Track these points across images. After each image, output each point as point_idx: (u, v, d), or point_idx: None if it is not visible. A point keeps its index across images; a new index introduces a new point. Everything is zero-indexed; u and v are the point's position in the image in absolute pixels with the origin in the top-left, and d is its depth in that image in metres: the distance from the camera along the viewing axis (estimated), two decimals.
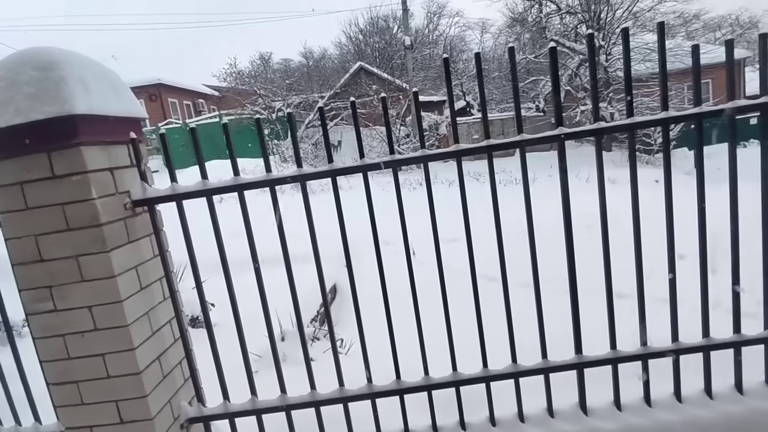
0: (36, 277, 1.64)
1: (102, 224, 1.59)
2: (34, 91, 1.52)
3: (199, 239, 1.88)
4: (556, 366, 1.81)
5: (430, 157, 1.64)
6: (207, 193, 1.74)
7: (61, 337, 1.67)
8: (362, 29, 27.28)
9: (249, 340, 2.07)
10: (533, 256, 1.76)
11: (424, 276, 2.04)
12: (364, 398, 1.89)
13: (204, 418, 1.94)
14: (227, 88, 21.05)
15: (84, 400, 1.72)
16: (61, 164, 1.56)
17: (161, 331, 1.86)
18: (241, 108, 17.20)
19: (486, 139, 1.63)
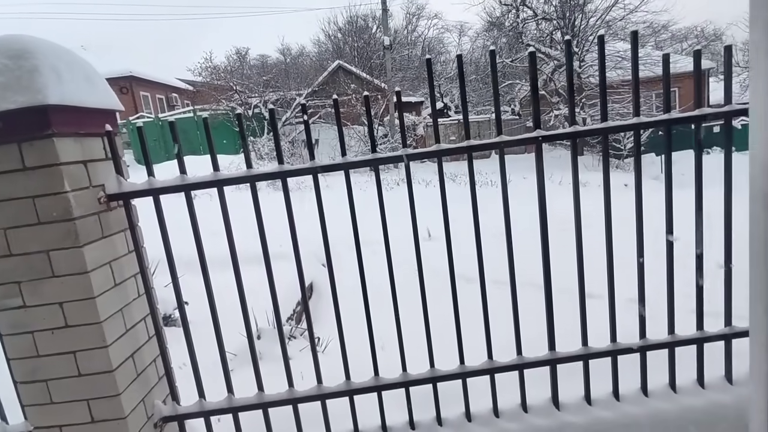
0: (4, 272, 1.58)
1: (75, 218, 1.55)
2: (4, 80, 1.47)
3: (172, 235, 1.85)
4: (529, 362, 1.86)
5: (412, 156, 1.66)
6: (186, 188, 1.72)
7: (30, 334, 1.62)
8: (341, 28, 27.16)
9: (224, 338, 2.04)
10: (510, 256, 1.80)
11: (401, 275, 2.05)
12: (342, 395, 1.90)
13: (178, 416, 1.91)
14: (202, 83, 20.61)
15: (53, 399, 1.67)
16: (33, 156, 1.51)
17: (135, 328, 1.82)
18: (217, 103, 16.89)
19: (466, 139, 1.66)
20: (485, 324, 1.86)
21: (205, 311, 1.87)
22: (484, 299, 1.85)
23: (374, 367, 1.91)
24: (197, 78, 21.46)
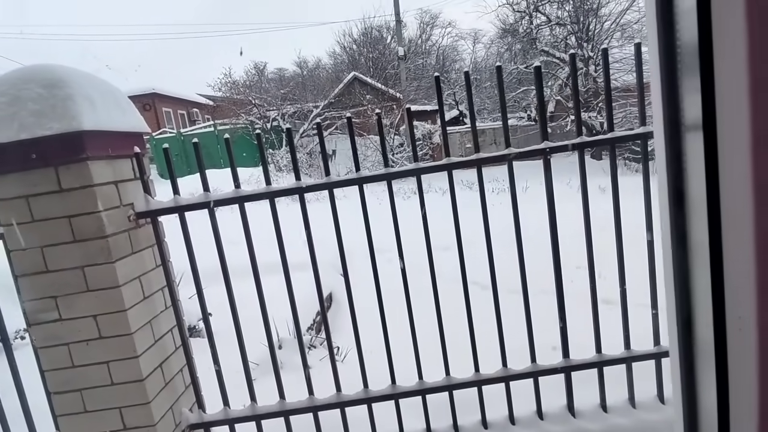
0: (42, 287, 1.69)
1: (107, 236, 1.65)
2: (39, 108, 1.58)
3: (196, 248, 1.93)
4: (544, 369, 1.88)
5: (423, 170, 1.72)
6: (209, 204, 1.81)
7: (65, 345, 1.72)
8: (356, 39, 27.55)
9: (246, 348, 2.12)
10: (521, 264, 1.84)
11: (418, 283, 2.10)
12: (360, 403, 1.95)
13: (205, 424, 1.98)
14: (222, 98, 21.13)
15: (87, 408, 1.77)
16: (69, 178, 1.62)
17: (163, 339, 1.91)
18: (236, 118, 17.27)
19: (476, 152, 1.71)
20: (499, 332, 1.89)
21: (228, 322, 1.94)
22: (497, 307, 1.88)
23: (391, 375, 1.96)
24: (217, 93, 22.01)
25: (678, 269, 0.55)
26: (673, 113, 0.52)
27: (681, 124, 0.51)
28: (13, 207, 1.64)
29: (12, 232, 1.66)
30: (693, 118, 0.49)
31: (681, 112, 0.51)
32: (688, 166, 0.51)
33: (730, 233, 0.47)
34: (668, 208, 0.55)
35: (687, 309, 0.55)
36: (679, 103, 0.51)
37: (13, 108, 1.58)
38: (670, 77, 0.52)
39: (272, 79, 27.40)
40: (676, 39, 0.50)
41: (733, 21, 0.42)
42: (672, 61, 0.52)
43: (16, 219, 1.65)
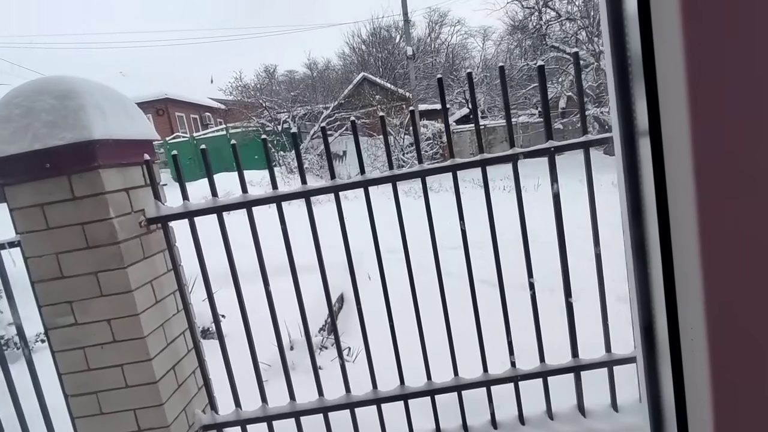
0: (57, 292, 1.73)
1: (119, 242, 1.69)
2: (52, 118, 1.62)
3: (207, 251, 1.97)
4: (553, 369, 1.87)
5: (428, 171, 1.73)
6: (217, 210, 1.84)
7: (81, 349, 1.76)
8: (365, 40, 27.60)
9: (258, 349, 2.14)
10: (528, 262, 1.83)
11: (429, 283, 2.09)
12: (369, 404, 1.96)
13: (217, 425, 2.01)
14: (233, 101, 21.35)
15: (103, 410, 1.81)
16: (81, 186, 1.66)
17: (175, 342, 1.95)
18: (247, 120, 17.44)
19: (480, 152, 1.72)
20: (507, 331, 1.89)
21: (241, 323, 1.97)
22: (504, 306, 1.88)
23: (400, 376, 1.97)
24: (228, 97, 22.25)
25: (638, 278, 0.55)
26: (628, 120, 0.53)
27: (635, 130, 0.52)
28: (28, 215, 1.69)
29: (28, 240, 1.71)
30: (643, 124, 0.49)
31: (635, 119, 0.52)
32: (643, 173, 0.52)
33: (679, 241, 0.47)
34: (627, 216, 0.55)
35: (648, 317, 0.55)
36: (633, 109, 0.52)
37: (27, 119, 1.63)
38: (622, 84, 0.52)
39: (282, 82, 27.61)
40: (626, 45, 0.50)
41: (670, 25, 0.42)
42: (624, 68, 0.52)
43: (32, 227, 1.70)
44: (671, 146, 0.46)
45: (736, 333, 0.44)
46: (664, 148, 0.47)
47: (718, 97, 0.41)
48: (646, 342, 0.55)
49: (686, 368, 0.48)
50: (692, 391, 0.48)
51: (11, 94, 1.68)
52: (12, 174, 1.67)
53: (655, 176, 0.48)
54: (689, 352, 0.47)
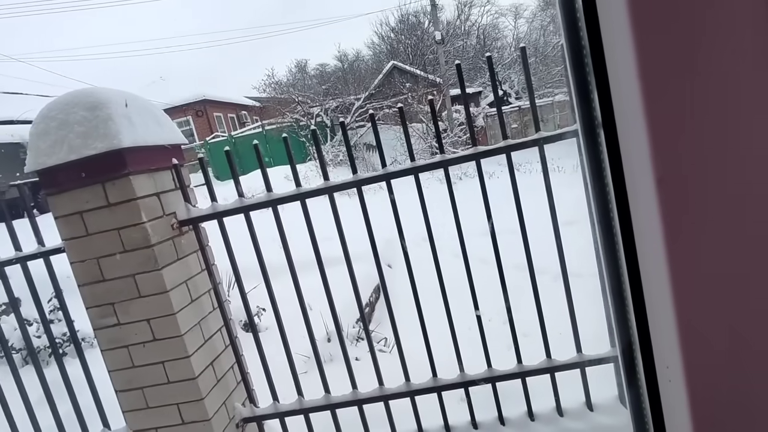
0: (100, 295, 1.83)
1: (153, 245, 1.75)
2: (84, 129, 1.69)
3: (246, 247, 2.00)
4: (591, 360, 1.80)
5: (449, 161, 1.69)
6: (244, 210, 1.87)
7: (125, 348, 1.85)
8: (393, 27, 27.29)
9: (299, 341, 2.18)
10: (560, 250, 1.76)
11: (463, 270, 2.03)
12: (402, 396, 1.96)
13: (257, 418, 2.08)
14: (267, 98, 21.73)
15: (149, 404, 1.90)
16: (114, 193, 1.73)
17: (213, 339, 2.01)
18: (281, 116, 17.72)
19: (503, 139, 1.66)
20: (540, 321, 1.83)
21: (282, 315, 2.00)
22: (536, 295, 1.82)
23: (432, 368, 1.95)
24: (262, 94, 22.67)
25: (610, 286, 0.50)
26: (586, 113, 0.48)
27: (594, 123, 0.47)
28: (70, 223, 1.79)
29: (71, 246, 1.81)
30: (598, 116, 0.45)
31: (594, 111, 0.47)
32: (605, 168, 0.47)
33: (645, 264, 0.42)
34: (593, 215, 0.51)
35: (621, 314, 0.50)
36: (591, 101, 0.47)
37: (62, 131, 1.71)
38: (579, 76, 0.47)
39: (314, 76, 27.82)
40: (581, 38, 0.45)
41: (616, 18, 0.38)
42: (580, 61, 0.47)
43: (73, 233, 1.79)
44: (626, 139, 0.42)
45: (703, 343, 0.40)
46: (619, 141, 0.43)
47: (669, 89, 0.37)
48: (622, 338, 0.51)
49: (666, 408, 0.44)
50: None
51: (47, 108, 1.76)
52: (53, 184, 1.77)
53: (612, 173, 0.44)
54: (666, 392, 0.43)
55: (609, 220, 0.49)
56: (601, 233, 0.50)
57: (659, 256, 0.41)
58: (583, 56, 0.47)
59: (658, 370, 0.44)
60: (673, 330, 0.41)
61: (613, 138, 0.43)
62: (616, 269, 0.50)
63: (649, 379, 0.45)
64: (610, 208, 0.48)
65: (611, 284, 0.51)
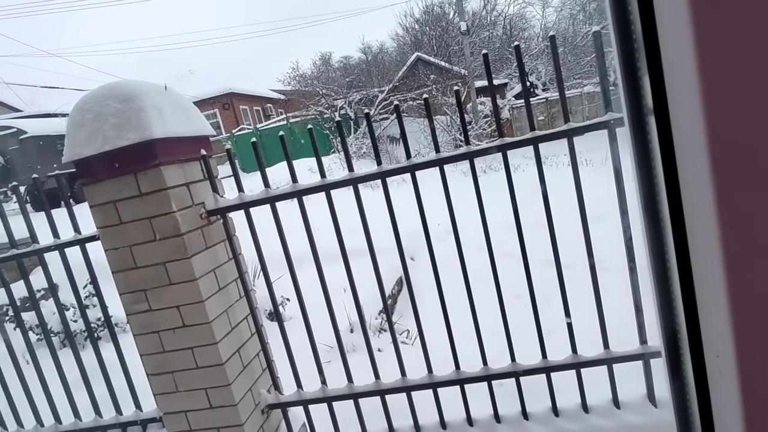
0: (133, 282, 1.89)
1: (182, 234, 1.80)
2: (118, 121, 1.74)
3: (271, 238, 2.03)
4: (619, 357, 1.77)
5: (475, 153, 1.67)
6: (270, 200, 1.90)
7: (156, 333, 1.91)
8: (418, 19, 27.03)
9: (323, 331, 2.21)
10: (587, 242, 1.72)
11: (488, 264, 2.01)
12: (425, 387, 1.97)
13: (281, 404, 2.12)
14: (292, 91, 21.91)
15: (178, 388, 1.96)
16: (146, 183, 1.78)
17: (239, 326, 2.06)
18: (306, 109, 17.84)
19: (531, 130, 1.63)
20: (566, 316, 1.80)
21: (307, 305, 2.03)
22: (563, 290, 1.79)
23: (455, 360, 1.95)
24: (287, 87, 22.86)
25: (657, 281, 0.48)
26: (634, 99, 0.46)
27: (642, 110, 0.45)
28: (105, 212, 1.85)
29: (105, 234, 1.87)
30: (649, 102, 0.43)
31: (642, 98, 0.45)
32: (654, 157, 0.45)
33: (695, 238, 0.40)
34: (641, 208, 0.48)
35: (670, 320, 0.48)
36: (639, 89, 0.45)
37: (97, 123, 1.77)
38: (627, 57, 0.45)
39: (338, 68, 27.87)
40: (630, 21, 0.43)
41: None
42: (628, 40, 0.45)
43: (107, 222, 1.85)
44: (680, 126, 0.40)
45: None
46: (672, 129, 0.40)
47: (728, 71, 0.35)
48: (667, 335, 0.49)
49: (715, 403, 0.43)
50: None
51: (83, 100, 1.82)
52: (88, 174, 1.83)
53: (663, 162, 0.42)
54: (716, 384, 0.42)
55: (655, 206, 0.47)
56: (647, 220, 0.48)
57: (713, 240, 0.39)
58: (632, 40, 0.45)
59: (707, 360, 0.43)
60: (725, 316, 0.40)
61: (666, 124, 0.41)
62: (662, 255, 0.48)
63: (697, 370, 0.44)
64: (657, 193, 0.46)
65: (656, 271, 0.49)
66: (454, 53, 21.23)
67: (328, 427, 2.09)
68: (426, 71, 17.72)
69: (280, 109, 28.05)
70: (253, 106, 27.67)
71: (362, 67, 25.74)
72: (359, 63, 28.62)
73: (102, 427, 2.30)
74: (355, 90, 18.70)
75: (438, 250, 1.89)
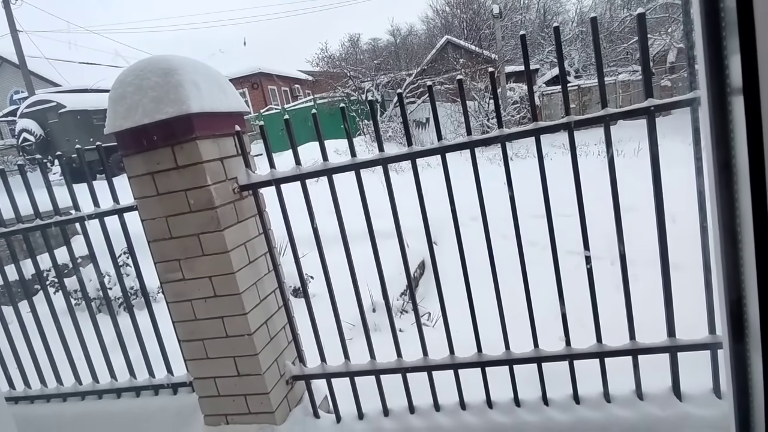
0: (168, 251, 1.96)
1: (216, 207, 1.85)
2: (157, 94, 1.79)
3: (300, 215, 2.07)
4: (644, 348, 1.75)
5: (507, 137, 1.65)
6: (300, 177, 1.93)
7: (189, 301, 1.99)
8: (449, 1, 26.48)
9: (346, 309, 2.25)
10: (619, 233, 1.70)
11: (515, 251, 2.01)
12: (446, 368, 1.99)
13: (305, 376, 2.18)
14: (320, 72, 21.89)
15: (208, 355, 2.04)
16: (182, 156, 1.83)
17: (267, 299, 2.12)
18: (333, 91, 17.82)
19: (566, 115, 1.60)
20: (593, 305, 1.79)
21: (331, 283, 2.07)
22: (591, 279, 1.77)
23: (477, 343, 1.97)
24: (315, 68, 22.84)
25: (726, 256, 0.48)
26: (718, 76, 0.44)
27: (727, 88, 0.44)
28: (143, 183, 1.91)
29: (143, 204, 1.94)
30: (736, 81, 0.41)
31: (727, 76, 0.43)
32: (736, 136, 0.44)
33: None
34: (714, 186, 0.47)
35: (737, 299, 0.48)
36: (725, 65, 0.43)
37: (137, 96, 1.82)
38: (712, 35, 0.44)
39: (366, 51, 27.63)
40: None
41: None
42: (715, 17, 0.43)
43: (145, 193, 1.92)
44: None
45: None
46: (762, 109, 0.39)
47: None
48: (734, 327, 0.49)
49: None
50: None
51: (124, 74, 1.87)
52: (128, 146, 1.89)
53: (748, 141, 0.41)
54: None
55: (732, 184, 0.46)
56: (721, 204, 0.48)
57: None
58: (720, 18, 0.44)
59: None
60: None
61: (755, 105, 0.40)
62: (734, 237, 0.48)
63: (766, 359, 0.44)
64: (735, 173, 0.46)
65: (727, 260, 0.49)
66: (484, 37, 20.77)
67: (350, 400, 2.15)
68: (455, 55, 17.43)
69: (308, 90, 28.09)
70: (281, 86, 27.80)
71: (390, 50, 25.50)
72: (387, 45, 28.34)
73: (136, 387, 2.43)
74: (383, 73, 18.56)
75: (462, 236, 1.89)
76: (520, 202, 1.83)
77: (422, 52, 20.54)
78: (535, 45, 21.42)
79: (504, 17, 19.04)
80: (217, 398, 2.10)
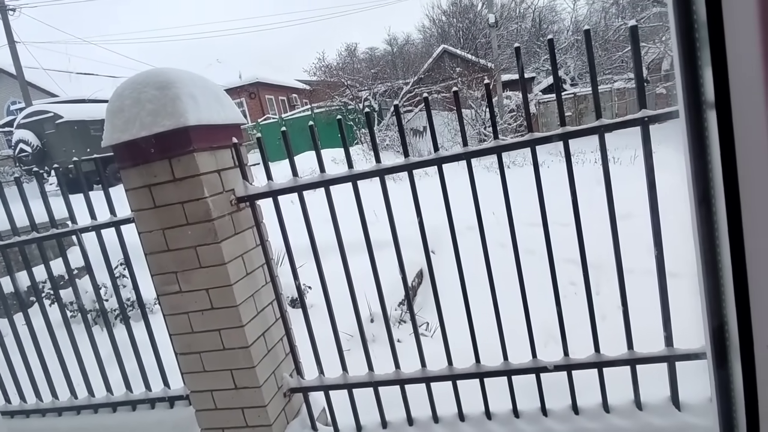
0: (165, 264, 1.95)
1: (213, 219, 1.85)
2: (154, 107, 1.79)
3: (298, 226, 2.07)
4: (643, 358, 1.75)
5: (503, 147, 1.66)
6: (298, 189, 1.93)
7: (185, 314, 1.98)
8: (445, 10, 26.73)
9: (343, 320, 2.25)
10: (615, 241, 1.71)
11: (511, 261, 2.01)
12: (444, 379, 1.98)
13: (303, 389, 2.17)
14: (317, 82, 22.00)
15: (205, 368, 2.03)
16: (179, 168, 1.83)
17: (264, 311, 2.11)
18: (331, 100, 17.90)
19: (561, 126, 1.61)
20: (590, 315, 1.79)
21: (328, 294, 2.07)
22: (588, 288, 1.77)
23: (475, 354, 1.96)
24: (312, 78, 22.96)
25: (707, 274, 0.48)
26: (692, 92, 0.45)
27: (701, 101, 0.44)
28: (140, 195, 1.91)
29: (140, 217, 1.94)
30: (710, 94, 0.42)
31: (701, 88, 0.44)
32: (711, 150, 0.44)
33: (752, 232, 0.40)
34: (694, 201, 0.48)
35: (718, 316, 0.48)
36: (699, 78, 0.44)
37: (135, 109, 1.82)
38: (687, 50, 0.45)
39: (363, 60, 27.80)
40: (693, 12, 0.43)
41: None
42: (689, 32, 0.44)
43: (142, 205, 1.92)
44: (742, 121, 0.39)
45: None
46: (734, 123, 0.40)
47: None
48: (716, 342, 0.49)
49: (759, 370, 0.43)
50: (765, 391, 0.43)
51: (122, 87, 1.88)
52: (125, 159, 1.89)
53: (722, 155, 0.42)
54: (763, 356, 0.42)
55: (709, 199, 0.47)
56: (700, 214, 0.49)
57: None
58: (694, 30, 0.45)
59: (757, 352, 0.43)
60: None
61: (727, 119, 0.41)
62: (713, 251, 0.48)
63: (745, 362, 0.44)
64: (712, 186, 0.46)
65: (706, 266, 0.50)
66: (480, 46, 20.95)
67: (348, 412, 2.14)
68: (452, 63, 17.57)
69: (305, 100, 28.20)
70: (279, 95, 27.92)
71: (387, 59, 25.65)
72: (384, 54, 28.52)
73: (132, 401, 2.40)
74: (380, 81, 18.66)
75: (459, 245, 1.89)
76: (518, 211, 1.83)
77: (419, 61, 20.68)
78: (531, 53, 21.61)
79: (500, 26, 19.23)
80: (215, 411, 2.08)
